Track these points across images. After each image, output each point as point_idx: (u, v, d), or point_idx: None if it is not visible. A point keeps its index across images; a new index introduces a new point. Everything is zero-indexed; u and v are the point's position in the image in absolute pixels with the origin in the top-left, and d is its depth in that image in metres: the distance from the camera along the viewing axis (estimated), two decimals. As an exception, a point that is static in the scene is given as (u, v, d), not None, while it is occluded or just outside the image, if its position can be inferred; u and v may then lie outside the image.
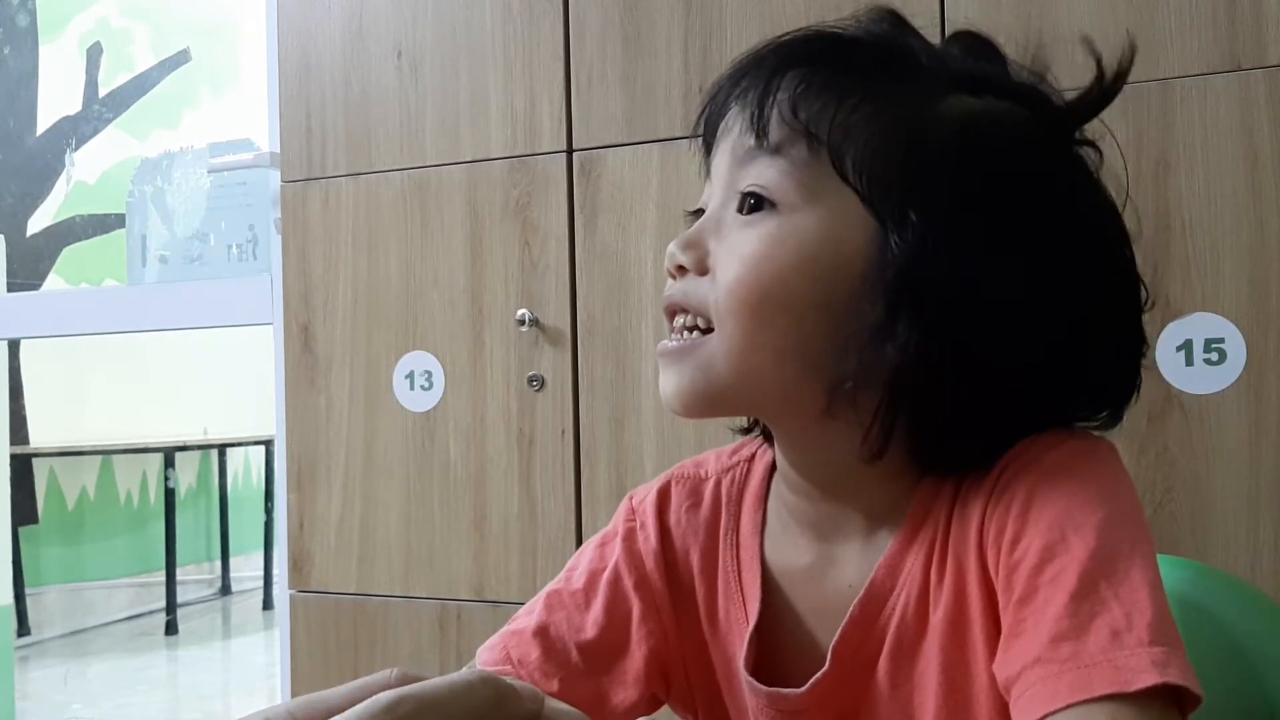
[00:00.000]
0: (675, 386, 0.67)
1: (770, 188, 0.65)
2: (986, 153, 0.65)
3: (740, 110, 0.68)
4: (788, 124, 0.65)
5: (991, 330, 0.63)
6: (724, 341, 0.65)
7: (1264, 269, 1.23)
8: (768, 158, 0.66)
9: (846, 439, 0.66)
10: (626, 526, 0.77)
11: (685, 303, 0.67)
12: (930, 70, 0.67)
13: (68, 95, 5.23)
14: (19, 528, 4.50)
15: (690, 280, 0.67)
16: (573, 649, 0.72)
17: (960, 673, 0.64)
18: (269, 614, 5.08)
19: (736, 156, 0.68)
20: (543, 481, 1.56)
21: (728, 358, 0.65)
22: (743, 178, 0.67)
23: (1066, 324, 0.65)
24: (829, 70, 0.66)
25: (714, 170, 0.70)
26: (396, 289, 1.66)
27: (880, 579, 0.67)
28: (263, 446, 5.53)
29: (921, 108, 0.66)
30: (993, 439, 0.65)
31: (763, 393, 0.67)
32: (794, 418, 0.68)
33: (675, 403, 0.68)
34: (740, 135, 0.67)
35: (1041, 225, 0.64)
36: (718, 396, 0.67)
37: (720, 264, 0.66)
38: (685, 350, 0.67)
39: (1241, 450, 1.23)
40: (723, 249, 0.66)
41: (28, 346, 4.72)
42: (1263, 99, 1.24)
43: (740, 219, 0.66)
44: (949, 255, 0.63)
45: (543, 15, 1.58)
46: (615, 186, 1.53)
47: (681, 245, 0.68)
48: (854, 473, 0.68)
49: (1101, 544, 0.59)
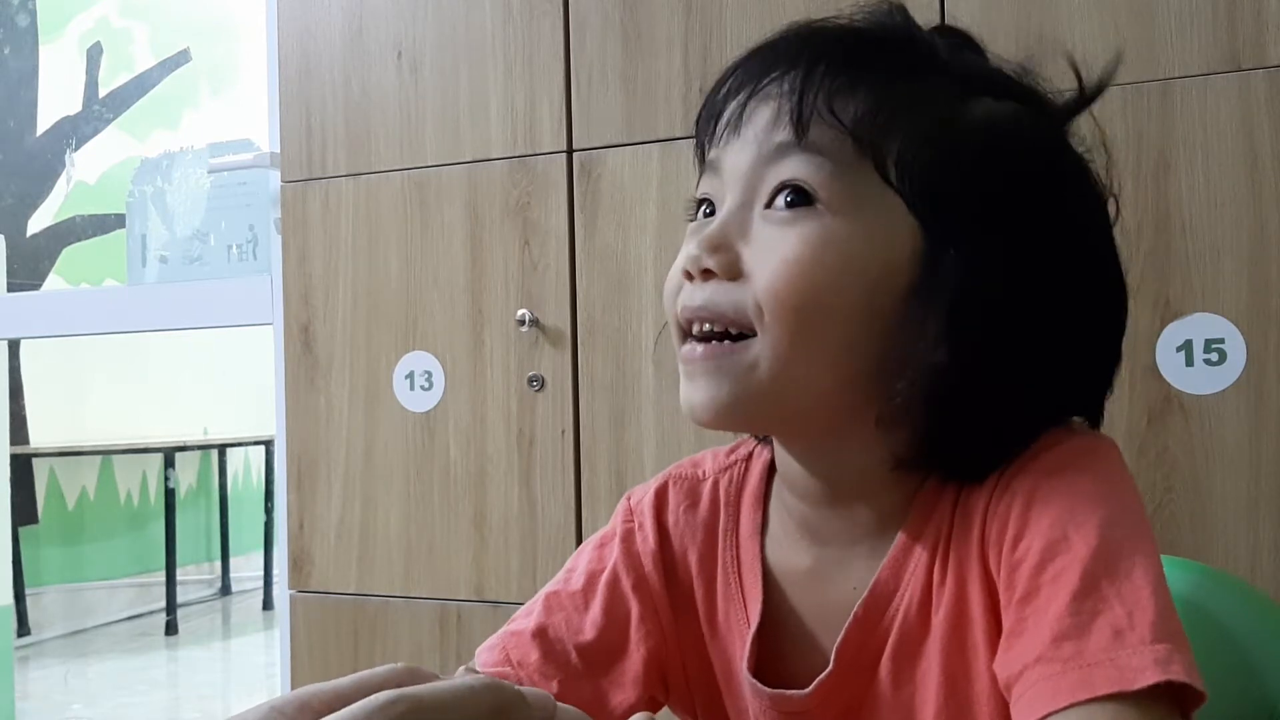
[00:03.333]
0: (708, 396, 0.64)
1: (814, 184, 0.63)
2: (1014, 156, 0.65)
3: (765, 103, 0.65)
4: (828, 122, 0.63)
5: (1030, 330, 0.63)
6: (769, 347, 0.62)
7: (1264, 269, 1.23)
8: (805, 154, 0.63)
9: (870, 445, 0.66)
10: (624, 527, 0.77)
11: (717, 309, 0.63)
12: (951, 69, 0.67)
13: (68, 95, 5.23)
14: (19, 528, 4.50)
15: (719, 285, 0.64)
16: (571, 650, 0.72)
17: (961, 673, 0.64)
18: (269, 614, 5.08)
19: (762, 151, 0.64)
20: (543, 481, 1.56)
21: (772, 364, 0.62)
22: (775, 172, 0.64)
23: (1081, 321, 0.65)
24: (863, 68, 0.64)
25: (725, 165, 0.67)
26: (396, 289, 1.66)
27: (884, 580, 0.67)
28: (263, 446, 5.53)
29: (954, 109, 0.65)
30: (1009, 441, 0.65)
31: (800, 401, 0.64)
32: (823, 427, 0.66)
33: (706, 413, 0.64)
34: (767, 129, 0.65)
35: (1065, 222, 0.65)
36: (754, 406, 0.64)
37: (759, 266, 0.63)
38: (721, 356, 0.63)
39: (1241, 450, 1.23)
40: (760, 251, 0.63)
41: (28, 346, 4.72)
42: (1263, 99, 1.23)
43: (775, 216, 0.64)
44: (994, 257, 0.62)
45: (543, 15, 1.58)
46: (615, 186, 1.53)
47: (707, 248, 0.64)
48: (869, 478, 0.67)
49: (1103, 542, 0.59)
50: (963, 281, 0.62)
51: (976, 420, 0.64)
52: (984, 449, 0.65)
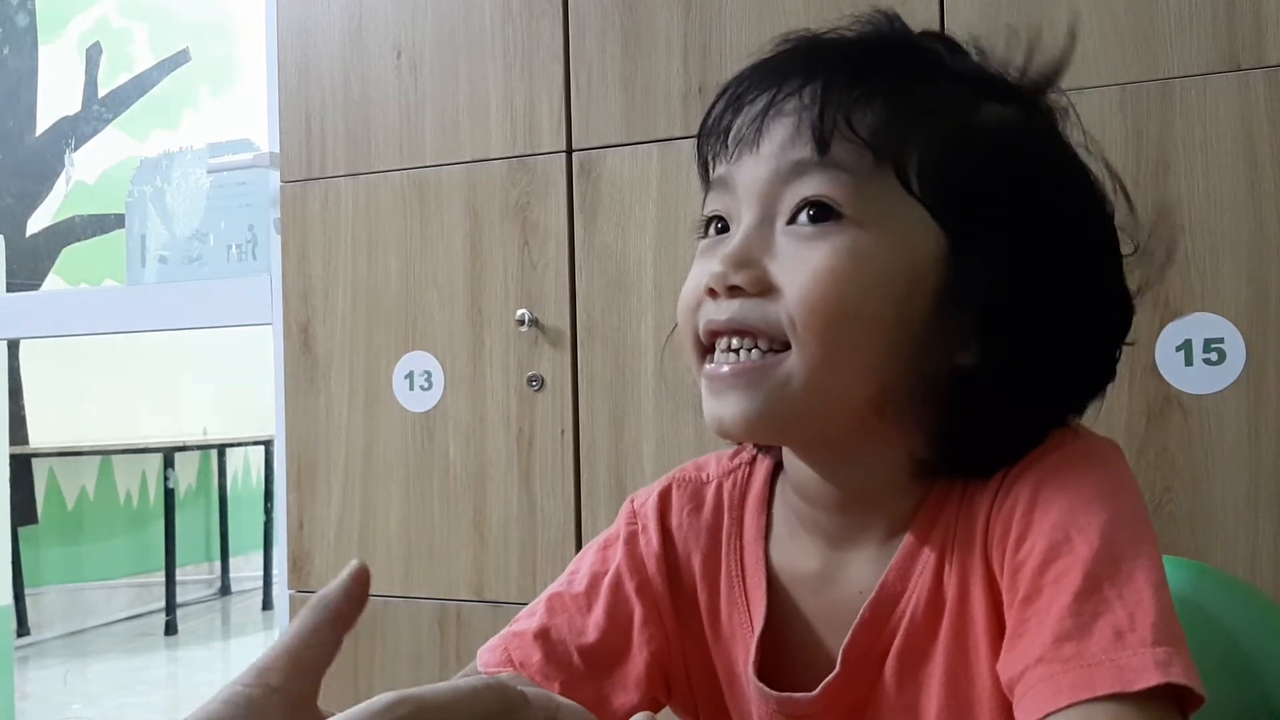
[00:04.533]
0: (740, 410, 0.64)
1: (839, 199, 0.63)
2: (1024, 157, 0.66)
3: (780, 119, 0.65)
4: (846, 136, 0.63)
5: (1050, 331, 0.64)
6: (805, 360, 0.63)
7: (1264, 269, 1.23)
8: (826, 170, 0.63)
9: (891, 451, 0.67)
10: (628, 530, 0.77)
11: (747, 325, 0.64)
12: (958, 75, 0.68)
13: (67, 95, 5.23)
14: (18, 528, 4.50)
15: (747, 301, 0.64)
16: (574, 652, 0.72)
17: (963, 673, 0.65)
18: (269, 614, 5.07)
19: (780, 168, 0.65)
20: (543, 481, 1.56)
21: (806, 377, 0.63)
22: (796, 189, 0.64)
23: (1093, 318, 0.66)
24: (878, 79, 0.65)
25: (741, 181, 0.66)
26: (396, 289, 1.66)
27: (891, 582, 0.67)
28: (262, 446, 5.52)
29: (966, 116, 0.66)
30: (1022, 440, 0.66)
31: (832, 411, 0.65)
32: (850, 435, 0.66)
33: (738, 428, 0.64)
34: (785, 146, 0.65)
35: (1077, 220, 0.66)
36: (787, 419, 0.64)
37: (790, 281, 0.63)
38: (755, 371, 0.63)
39: (1241, 450, 1.23)
40: (788, 265, 0.63)
41: (27, 346, 4.72)
42: (1263, 99, 1.23)
43: (799, 231, 0.64)
44: (1018, 260, 0.63)
45: (543, 15, 1.58)
46: (615, 186, 1.53)
47: (733, 264, 0.64)
48: (885, 484, 0.68)
49: (1105, 544, 0.59)
50: (989, 284, 0.63)
51: (998, 421, 0.64)
52: (999, 448, 0.66)
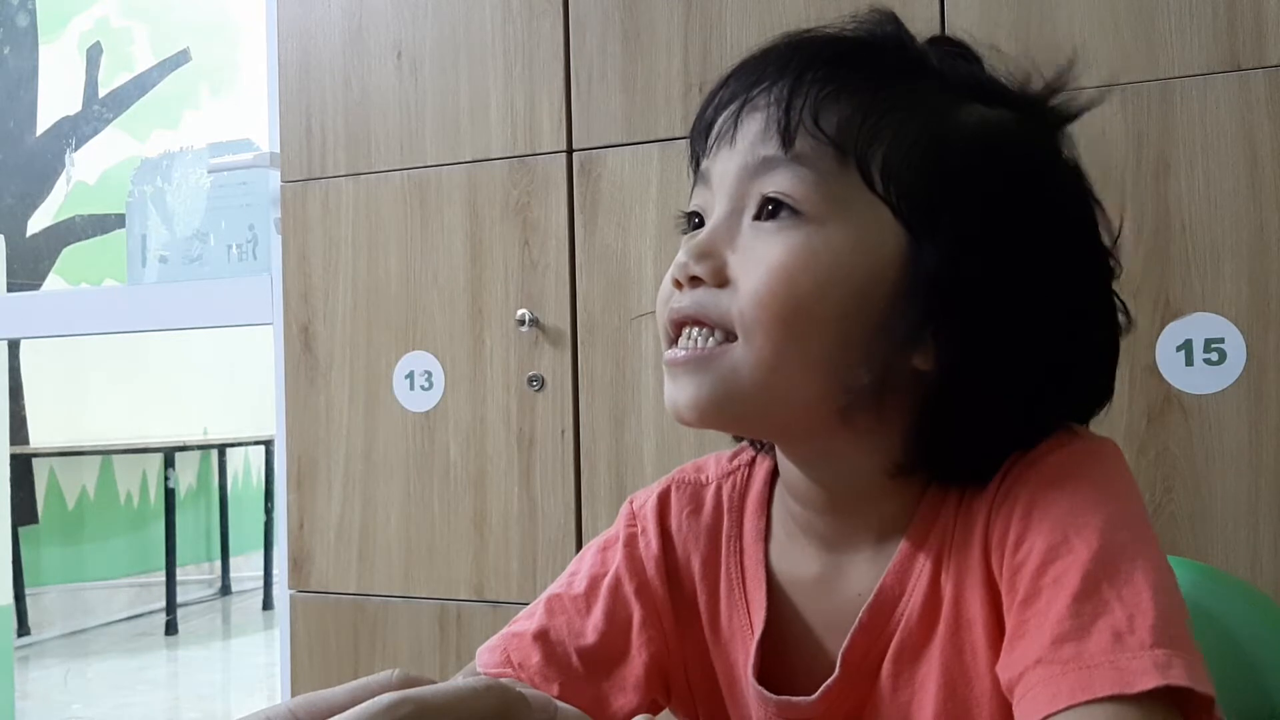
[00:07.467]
0: (692, 396, 0.65)
1: (797, 197, 0.63)
2: (1005, 160, 0.65)
3: (753, 114, 0.66)
4: (811, 133, 0.64)
5: (1017, 336, 0.63)
6: (752, 353, 0.63)
7: (1264, 269, 1.23)
8: (791, 166, 0.64)
9: (864, 452, 0.66)
10: (627, 531, 0.77)
11: (702, 314, 0.65)
12: (942, 76, 0.67)
13: (67, 95, 5.23)
14: (19, 528, 4.50)
15: (706, 291, 0.65)
16: (573, 654, 0.72)
17: (960, 676, 0.65)
18: (269, 614, 5.08)
19: (748, 163, 0.65)
20: (543, 481, 1.56)
21: (754, 370, 0.63)
22: (760, 185, 0.65)
23: (1074, 325, 0.65)
24: (851, 77, 0.65)
25: (715, 175, 0.68)
26: (396, 289, 1.66)
27: (889, 585, 0.67)
28: (263, 446, 5.53)
29: (943, 116, 0.65)
30: (1006, 444, 0.66)
31: (784, 406, 0.65)
32: (810, 432, 0.67)
33: (690, 413, 0.65)
34: (755, 141, 0.65)
35: (1055, 230, 0.65)
36: (737, 408, 0.65)
37: (744, 274, 0.64)
38: (704, 359, 0.64)
39: (1241, 450, 1.23)
40: (745, 259, 0.64)
41: (28, 346, 4.72)
42: (1263, 99, 1.23)
43: (761, 226, 0.64)
44: (981, 263, 0.63)
45: (543, 15, 1.58)
46: (615, 186, 1.53)
47: (695, 255, 0.65)
48: (868, 485, 0.68)
49: (1104, 545, 0.59)
50: (946, 285, 0.62)
51: (967, 425, 0.64)
52: (978, 454, 0.65)
